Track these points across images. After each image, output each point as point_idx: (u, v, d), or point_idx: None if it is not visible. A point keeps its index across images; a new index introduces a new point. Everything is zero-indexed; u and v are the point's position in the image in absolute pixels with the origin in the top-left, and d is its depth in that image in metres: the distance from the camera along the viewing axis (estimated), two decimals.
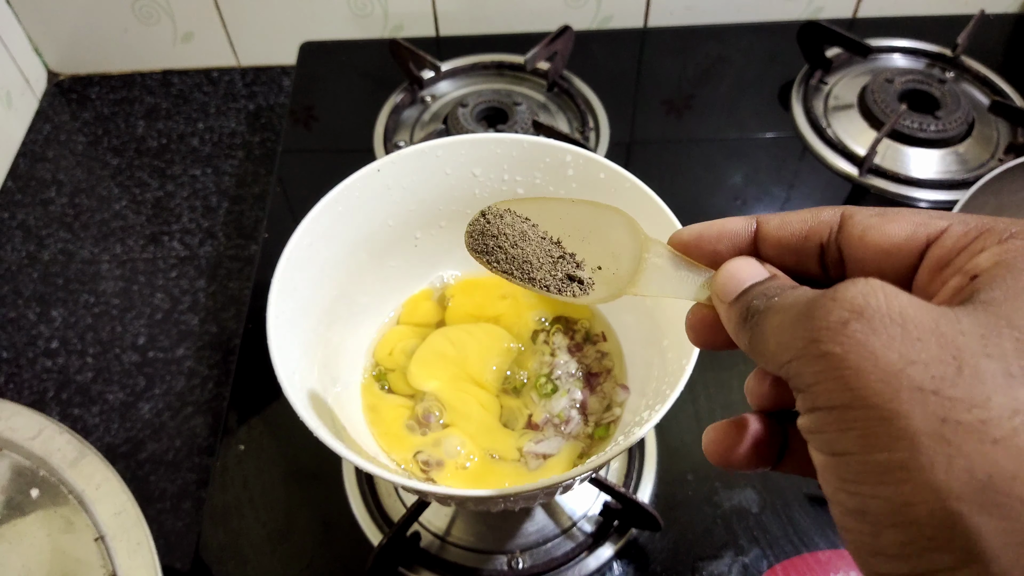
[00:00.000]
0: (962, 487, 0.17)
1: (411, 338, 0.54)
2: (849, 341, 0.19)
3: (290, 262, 0.44)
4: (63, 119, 0.88)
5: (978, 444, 0.17)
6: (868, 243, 0.23)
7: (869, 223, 0.23)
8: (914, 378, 0.18)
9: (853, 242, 0.23)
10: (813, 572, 0.51)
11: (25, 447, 0.49)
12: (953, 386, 0.17)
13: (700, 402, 0.60)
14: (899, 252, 0.23)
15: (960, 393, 0.17)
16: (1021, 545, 0.16)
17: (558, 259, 0.31)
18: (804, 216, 0.25)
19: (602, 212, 0.30)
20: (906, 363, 0.18)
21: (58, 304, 0.72)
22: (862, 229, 0.23)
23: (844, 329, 0.19)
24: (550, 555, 0.53)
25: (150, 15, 0.87)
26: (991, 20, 0.89)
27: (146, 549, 0.46)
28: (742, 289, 0.24)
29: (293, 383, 0.40)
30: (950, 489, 0.17)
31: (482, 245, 0.32)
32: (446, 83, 0.83)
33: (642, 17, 0.90)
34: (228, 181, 0.81)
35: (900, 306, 0.19)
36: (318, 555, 0.53)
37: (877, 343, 0.18)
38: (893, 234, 0.23)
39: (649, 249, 0.28)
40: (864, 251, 0.23)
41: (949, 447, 0.17)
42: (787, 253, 0.25)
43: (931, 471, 0.17)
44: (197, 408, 0.65)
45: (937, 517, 0.17)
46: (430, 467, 0.48)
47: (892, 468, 0.18)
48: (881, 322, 0.18)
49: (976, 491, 0.16)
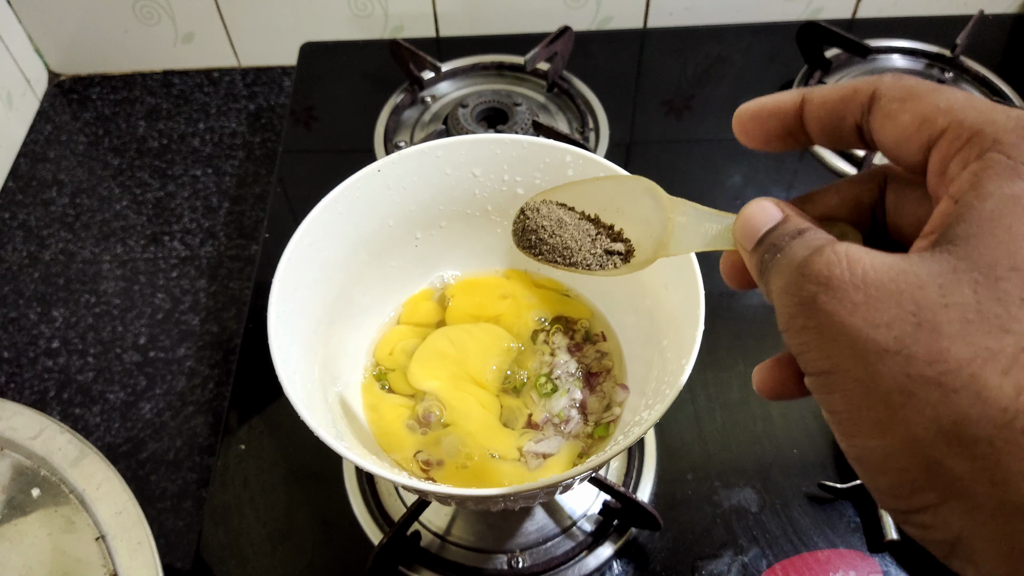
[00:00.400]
0: (933, 436, 0.18)
1: (411, 338, 0.54)
2: (820, 314, 0.20)
3: (291, 262, 0.44)
4: (64, 119, 0.88)
5: (941, 396, 0.18)
6: (886, 132, 0.23)
7: (890, 109, 0.23)
8: (878, 341, 0.19)
9: (876, 127, 0.23)
10: (812, 571, 0.51)
11: (26, 447, 0.49)
12: (915, 343, 0.19)
13: (700, 401, 0.60)
14: (909, 145, 0.22)
15: (920, 349, 0.19)
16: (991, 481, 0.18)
17: (596, 236, 0.32)
18: (842, 92, 0.24)
19: (625, 183, 0.31)
20: (870, 327, 0.19)
21: (59, 304, 0.72)
22: (883, 115, 0.23)
23: (814, 303, 0.20)
24: (550, 554, 0.53)
25: (151, 15, 0.87)
26: (990, 20, 0.89)
27: (147, 548, 0.46)
28: (759, 237, 0.25)
29: (294, 383, 0.40)
30: (924, 439, 0.19)
31: (526, 241, 0.35)
32: (446, 84, 0.83)
33: (642, 18, 0.90)
34: (229, 181, 0.81)
35: (863, 271, 0.20)
36: (318, 554, 0.53)
37: (844, 312, 0.20)
38: (905, 126, 0.22)
39: (674, 209, 0.29)
40: (883, 139, 0.23)
41: (918, 401, 0.19)
42: (829, 129, 0.25)
43: (906, 425, 0.19)
44: (198, 408, 0.65)
45: (918, 463, 0.19)
46: (430, 467, 0.49)
47: (874, 424, 0.20)
48: (845, 291, 0.20)
49: (946, 438, 0.18)
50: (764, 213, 0.25)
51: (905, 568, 0.52)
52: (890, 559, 0.52)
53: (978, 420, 0.18)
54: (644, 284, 0.49)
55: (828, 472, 0.56)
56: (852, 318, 0.20)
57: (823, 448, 0.57)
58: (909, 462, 0.19)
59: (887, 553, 0.52)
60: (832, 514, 0.54)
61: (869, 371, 0.19)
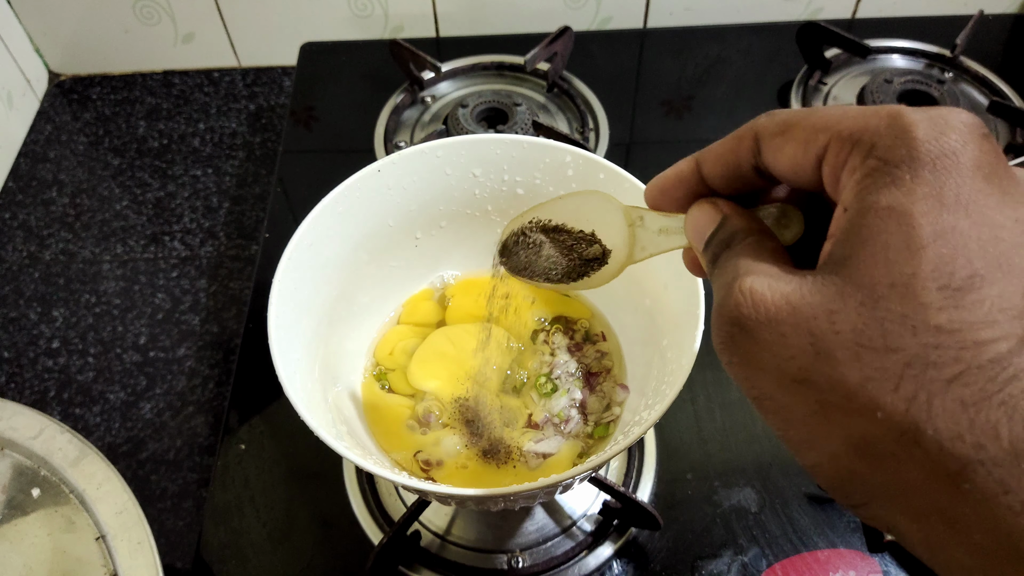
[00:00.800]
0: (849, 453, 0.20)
1: (411, 338, 0.54)
2: (740, 351, 0.22)
3: (291, 262, 0.44)
4: (64, 119, 0.88)
5: (846, 418, 0.20)
6: (779, 165, 0.24)
7: (773, 144, 0.24)
8: (788, 373, 0.21)
9: (769, 164, 0.24)
10: (812, 571, 0.51)
11: (26, 447, 0.49)
12: (816, 372, 0.20)
13: (699, 401, 0.60)
14: (804, 170, 0.23)
15: (822, 378, 0.20)
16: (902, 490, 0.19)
17: (571, 247, 0.34)
18: (728, 145, 0.25)
19: (587, 198, 0.33)
20: (781, 360, 0.21)
21: (59, 304, 0.72)
22: (771, 152, 0.24)
23: (734, 342, 0.22)
24: (550, 554, 0.53)
25: (151, 15, 0.87)
26: (990, 20, 0.89)
27: (147, 548, 0.46)
28: (705, 241, 0.26)
29: (294, 383, 0.40)
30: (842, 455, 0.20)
31: (514, 267, 0.37)
32: (446, 84, 0.83)
33: (642, 18, 0.90)
34: (229, 181, 0.81)
35: (765, 308, 0.21)
36: (319, 554, 0.53)
37: (756, 349, 0.21)
38: (792, 154, 0.23)
39: (631, 217, 0.31)
40: (779, 172, 0.24)
41: (829, 423, 0.20)
42: (731, 180, 0.26)
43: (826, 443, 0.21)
44: (198, 408, 0.65)
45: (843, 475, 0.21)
46: (430, 466, 0.49)
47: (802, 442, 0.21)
48: (755, 331, 0.21)
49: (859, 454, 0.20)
50: (704, 215, 0.26)
51: (905, 568, 0.52)
52: (890, 559, 0.52)
53: (879, 438, 0.19)
54: (644, 284, 0.49)
55: None
56: (765, 354, 0.21)
57: None
58: (837, 473, 0.21)
59: (887, 553, 0.52)
60: (832, 514, 0.54)
61: (787, 400, 0.21)
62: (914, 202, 0.19)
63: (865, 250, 0.20)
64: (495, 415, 0.50)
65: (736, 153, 0.25)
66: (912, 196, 0.19)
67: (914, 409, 0.18)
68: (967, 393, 0.18)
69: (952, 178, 0.19)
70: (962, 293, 0.18)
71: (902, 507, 0.19)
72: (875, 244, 0.20)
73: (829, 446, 0.20)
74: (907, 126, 0.20)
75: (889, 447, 0.19)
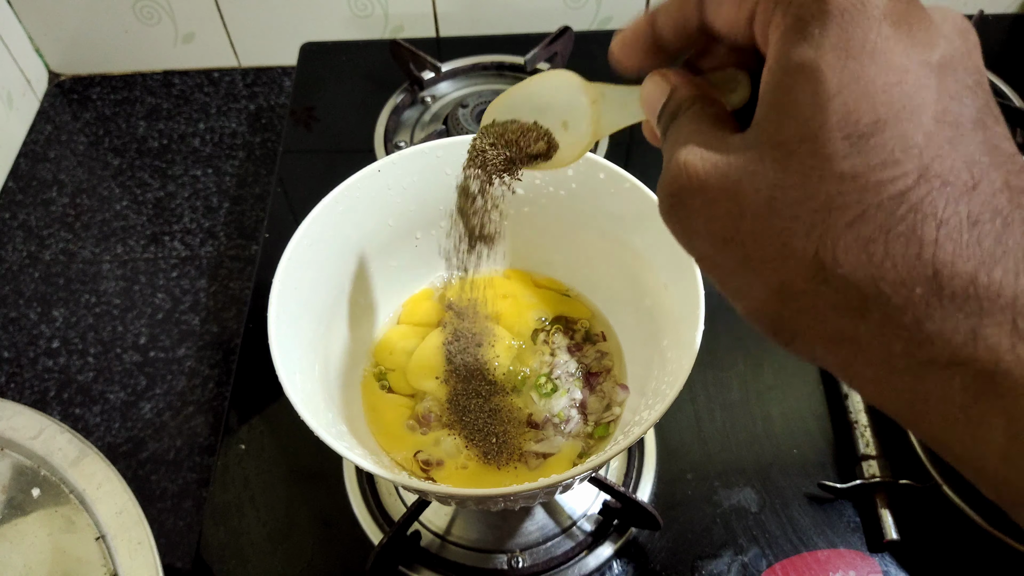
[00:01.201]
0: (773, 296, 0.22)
1: (411, 338, 0.54)
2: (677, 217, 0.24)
3: (291, 262, 0.44)
4: (64, 119, 0.88)
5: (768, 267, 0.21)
6: (718, 22, 0.25)
7: (712, 3, 0.24)
8: (718, 234, 0.22)
9: (710, 20, 0.25)
10: (812, 571, 0.51)
11: (26, 447, 0.49)
12: (739, 231, 0.22)
13: (699, 401, 0.60)
14: (738, 26, 0.24)
15: (744, 236, 0.22)
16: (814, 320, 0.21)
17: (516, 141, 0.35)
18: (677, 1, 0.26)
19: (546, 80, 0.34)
20: (711, 224, 0.23)
21: (59, 304, 0.72)
22: (711, 7, 0.25)
23: (672, 210, 0.24)
24: (550, 554, 0.53)
25: (151, 16, 0.87)
26: (990, 20, 0.89)
27: (147, 548, 0.46)
28: (657, 113, 0.27)
29: (294, 382, 0.40)
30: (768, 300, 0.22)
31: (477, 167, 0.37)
32: (446, 84, 0.83)
33: None
34: (229, 181, 0.81)
35: (697, 176, 0.23)
36: (319, 554, 0.53)
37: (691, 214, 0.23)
38: (728, 10, 0.24)
39: (592, 93, 0.32)
40: (718, 28, 0.25)
41: (755, 274, 0.22)
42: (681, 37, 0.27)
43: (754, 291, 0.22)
44: (198, 408, 0.65)
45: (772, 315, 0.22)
46: (430, 466, 0.49)
47: (736, 291, 0.23)
48: (689, 198, 0.23)
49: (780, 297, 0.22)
50: (656, 88, 0.27)
51: (905, 568, 0.52)
52: (890, 559, 0.52)
53: (794, 281, 0.21)
54: (644, 284, 0.49)
55: (828, 472, 0.56)
56: (698, 219, 0.23)
57: (823, 448, 0.57)
58: (767, 316, 0.23)
59: (887, 553, 0.52)
60: (832, 514, 0.54)
61: (720, 258, 0.23)
62: (822, 56, 0.20)
63: (780, 109, 0.21)
64: (495, 415, 0.50)
65: (683, 10, 0.26)
66: (820, 50, 0.20)
67: (821, 251, 0.20)
68: (866, 230, 0.19)
69: (859, 27, 0.20)
70: (864, 139, 0.19)
71: (819, 338, 0.21)
72: (787, 102, 0.21)
73: (757, 293, 0.22)
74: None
75: (802, 287, 0.21)
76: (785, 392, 0.60)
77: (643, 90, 0.28)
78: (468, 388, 0.51)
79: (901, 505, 0.53)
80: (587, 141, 0.33)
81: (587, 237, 0.52)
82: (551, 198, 0.51)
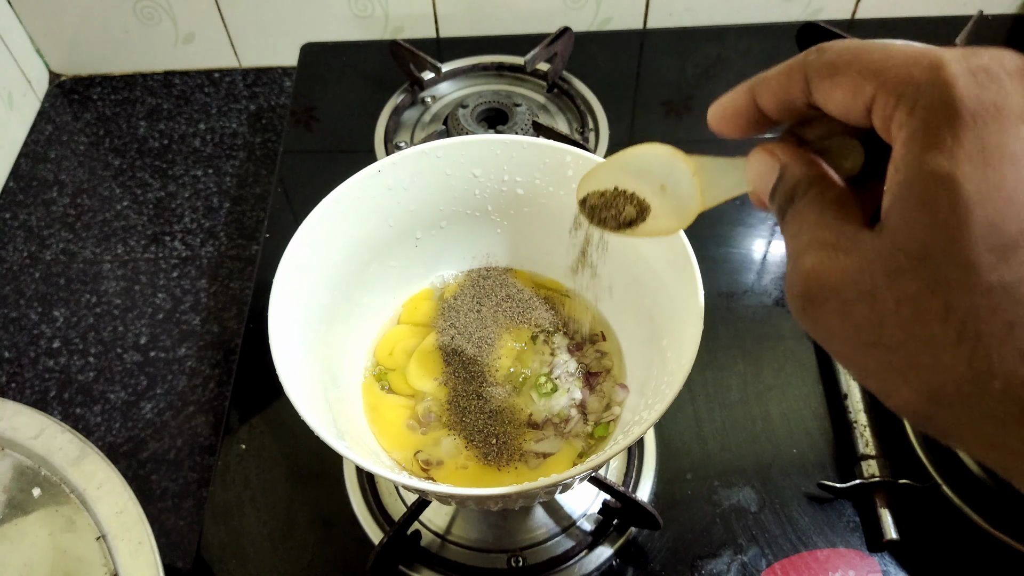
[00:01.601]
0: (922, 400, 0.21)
1: (411, 338, 0.54)
2: (810, 321, 0.23)
3: (291, 262, 0.44)
4: (65, 120, 0.88)
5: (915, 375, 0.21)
6: (830, 108, 0.24)
7: (823, 88, 0.24)
8: (857, 339, 0.22)
9: (821, 104, 0.24)
10: (811, 571, 0.51)
11: (27, 446, 0.49)
12: (882, 337, 0.21)
13: (699, 401, 0.60)
14: (855, 115, 0.23)
15: (888, 342, 0.21)
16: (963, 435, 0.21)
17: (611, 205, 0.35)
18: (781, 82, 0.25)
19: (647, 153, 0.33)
20: (849, 329, 0.22)
21: (60, 304, 0.72)
22: (821, 95, 0.24)
23: (805, 313, 0.23)
24: (550, 553, 0.53)
25: (151, 16, 0.87)
26: (989, 21, 0.89)
27: (147, 548, 0.46)
28: (769, 193, 0.26)
29: (294, 382, 0.40)
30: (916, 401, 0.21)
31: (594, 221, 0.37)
32: (446, 84, 0.83)
33: (641, 18, 0.90)
34: (229, 182, 0.81)
35: (831, 282, 0.22)
36: (319, 554, 0.54)
37: (826, 319, 0.23)
38: (841, 101, 0.23)
39: (693, 166, 0.31)
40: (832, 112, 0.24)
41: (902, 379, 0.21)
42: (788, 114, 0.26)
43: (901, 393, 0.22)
44: (199, 407, 0.65)
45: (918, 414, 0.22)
46: (430, 466, 0.49)
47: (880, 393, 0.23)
48: (822, 303, 0.23)
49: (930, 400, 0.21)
50: (763, 166, 0.27)
51: (904, 568, 0.52)
52: (889, 559, 0.52)
53: (947, 390, 0.20)
54: (644, 284, 0.49)
55: (827, 472, 0.56)
56: (834, 323, 0.22)
57: (822, 448, 0.57)
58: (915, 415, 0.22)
59: (886, 553, 0.52)
60: (831, 514, 0.54)
61: (861, 360, 0.23)
62: (957, 166, 0.19)
63: (916, 218, 0.20)
64: (495, 415, 0.50)
65: (787, 91, 0.25)
66: (955, 160, 0.20)
67: (975, 362, 0.19)
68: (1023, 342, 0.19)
69: (994, 132, 0.19)
70: (1012, 250, 0.19)
71: (977, 442, 0.21)
72: (925, 211, 0.20)
73: (906, 396, 0.22)
74: (947, 81, 0.20)
75: (956, 396, 0.20)
76: (784, 392, 0.60)
77: (750, 167, 0.28)
78: (468, 389, 0.51)
79: (901, 505, 0.53)
80: (693, 211, 0.32)
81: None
82: (551, 198, 0.51)
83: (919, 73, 0.21)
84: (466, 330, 0.53)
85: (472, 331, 0.53)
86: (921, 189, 0.20)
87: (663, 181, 0.32)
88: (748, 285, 0.67)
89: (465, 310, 0.54)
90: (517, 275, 0.57)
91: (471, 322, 0.54)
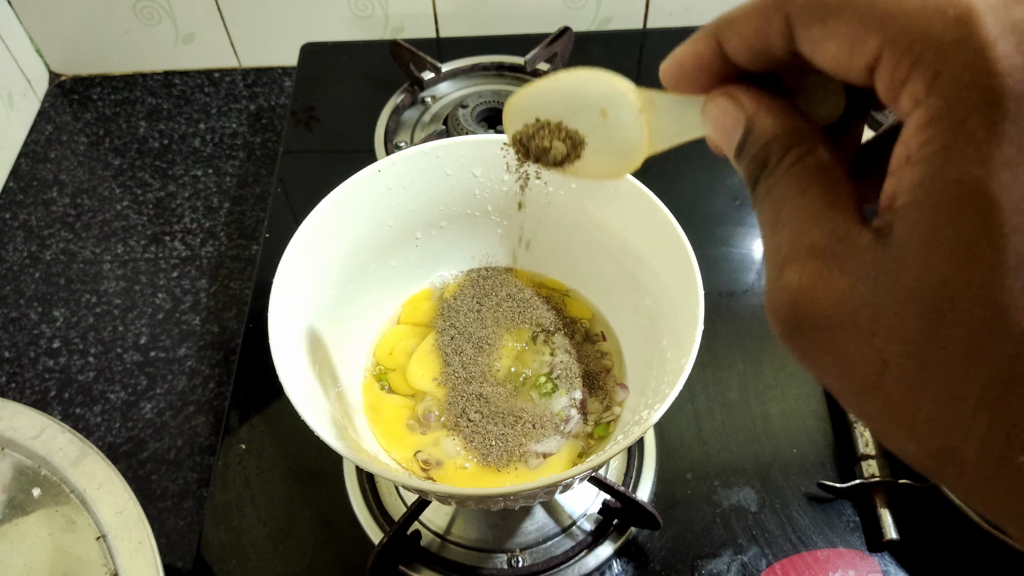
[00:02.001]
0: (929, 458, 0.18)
1: (411, 338, 0.54)
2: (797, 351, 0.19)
3: (291, 262, 0.44)
4: (65, 120, 0.88)
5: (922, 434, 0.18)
6: (819, 61, 0.19)
7: (809, 37, 0.19)
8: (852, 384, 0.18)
9: (807, 56, 0.19)
10: (811, 571, 0.51)
11: (27, 446, 0.49)
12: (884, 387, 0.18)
13: (699, 401, 0.60)
14: (851, 71, 0.18)
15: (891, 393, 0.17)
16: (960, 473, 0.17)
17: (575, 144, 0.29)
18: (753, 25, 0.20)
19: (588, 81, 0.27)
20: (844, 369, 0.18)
21: (60, 304, 0.72)
22: (808, 45, 0.19)
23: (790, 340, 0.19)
24: (550, 553, 0.53)
25: (151, 16, 0.87)
26: None
27: (148, 548, 0.46)
28: (735, 148, 0.22)
29: (294, 382, 0.40)
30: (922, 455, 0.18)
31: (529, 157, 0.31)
32: (446, 84, 0.83)
33: (641, 18, 0.90)
34: (229, 181, 0.81)
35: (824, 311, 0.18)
36: (319, 553, 0.54)
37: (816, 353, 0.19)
38: (834, 55, 0.18)
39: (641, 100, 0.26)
40: (822, 67, 0.19)
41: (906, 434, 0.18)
42: (762, 65, 0.21)
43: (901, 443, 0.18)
44: (199, 407, 0.65)
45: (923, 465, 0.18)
46: (430, 466, 0.49)
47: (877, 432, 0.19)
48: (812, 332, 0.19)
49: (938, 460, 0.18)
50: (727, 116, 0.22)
51: (904, 567, 0.52)
52: (889, 558, 0.52)
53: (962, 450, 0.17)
54: (644, 284, 0.49)
55: (827, 472, 0.56)
56: (826, 359, 0.19)
57: (822, 448, 0.57)
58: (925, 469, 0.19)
59: (886, 552, 0.52)
60: (831, 513, 0.54)
61: (855, 402, 0.19)
62: (991, 172, 0.15)
63: (936, 237, 0.16)
64: (495, 416, 0.50)
65: (762, 35, 0.20)
66: (989, 163, 0.15)
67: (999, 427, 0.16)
68: None
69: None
70: None
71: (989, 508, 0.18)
72: (947, 230, 0.16)
73: (908, 448, 0.18)
74: (981, 43, 0.15)
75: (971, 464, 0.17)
76: (784, 392, 0.60)
77: (708, 114, 0.23)
78: (468, 389, 0.51)
79: (900, 505, 0.53)
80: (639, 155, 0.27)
81: (587, 237, 0.52)
82: (551, 198, 0.51)
83: (942, 28, 0.16)
84: (466, 330, 0.53)
85: (472, 331, 0.53)
86: (943, 200, 0.16)
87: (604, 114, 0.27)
88: (748, 285, 0.67)
89: (465, 310, 0.54)
90: (517, 275, 0.57)
91: (471, 322, 0.54)
